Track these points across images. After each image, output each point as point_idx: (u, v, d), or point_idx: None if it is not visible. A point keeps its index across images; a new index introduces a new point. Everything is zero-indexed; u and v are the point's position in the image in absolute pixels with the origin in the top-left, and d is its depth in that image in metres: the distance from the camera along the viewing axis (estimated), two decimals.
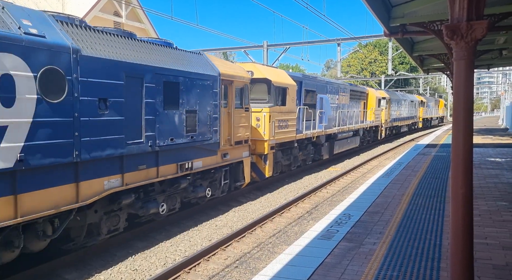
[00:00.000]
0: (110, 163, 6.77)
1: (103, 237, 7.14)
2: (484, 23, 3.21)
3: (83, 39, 6.39)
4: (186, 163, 8.68)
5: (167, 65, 8.03)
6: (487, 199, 8.46)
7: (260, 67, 13.18)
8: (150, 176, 7.72)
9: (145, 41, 8.09)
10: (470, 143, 3.36)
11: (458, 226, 3.38)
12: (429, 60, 13.31)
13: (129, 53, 7.22)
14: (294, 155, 14.86)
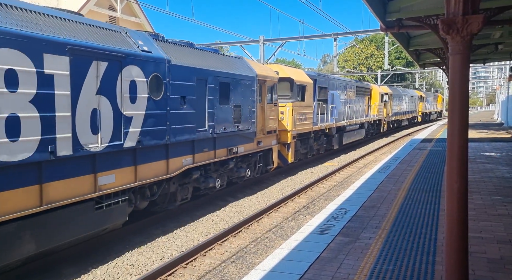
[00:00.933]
0: (186, 145, 8.79)
1: (177, 204, 9.09)
2: (480, 17, 3.21)
3: (171, 52, 8.36)
4: (233, 148, 10.71)
5: (221, 69, 9.98)
6: (482, 194, 8.51)
7: (284, 68, 15.43)
8: (210, 157, 9.76)
9: (205, 50, 10.07)
10: (465, 138, 3.37)
11: (453, 220, 3.40)
12: (425, 55, 13.32)
13: (198, 61, 9.21)
14: (310, 145, 16.78)
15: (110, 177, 6.83)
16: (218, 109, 9.78)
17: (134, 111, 7.23)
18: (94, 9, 18.06)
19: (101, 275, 6.42)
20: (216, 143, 9.85)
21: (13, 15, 5.47)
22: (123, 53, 6.96)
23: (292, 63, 69.97)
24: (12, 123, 5.25)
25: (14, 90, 5.29)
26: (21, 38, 5.35)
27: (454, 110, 3.36)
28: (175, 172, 8.44)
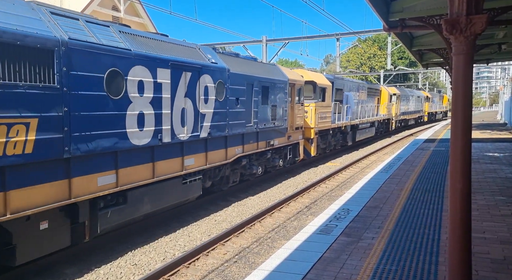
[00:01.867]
0: (238, 138, 10.78)
1: (229, 185, 11.10)
2: (484, 17, 3.20)
3: (228, 62, 10.36)
4: (270, 141, 12.67)
5: (263, 75, 11.93)
6: (486, 194, 8.48)
7: (308, 72, 17.66)
8: (254, 148, 11.76)
9: (249, 59, 12.32)
10: (468, 138, 3.36)
11: (456, 221, 3.39)
12: (428, 55, 13.28)
13: (247, 69, 11.18)
14: (329, 140, 18.70)
15: (191, 160, 8.90)
16: (260, 108, 11.82)
17: (206, 110, 9.32)
18: (98, 9, 18.11)
19: (104, 274, 6.44)
20: (258, 136, 11.93)
21: (139, 41, 7.52)
22: (200, 65, 9.01)
23: (294, 63, 69.90)
24: (140, 118, 7.32)
25: (142, 95, 7.34)
26: (145, 58, 7.40)
27: (457, 111, 3.35)
28: (231, 159, 10.52)
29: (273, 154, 13.29)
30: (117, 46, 6.83)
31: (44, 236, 5.80)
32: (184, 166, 8.58)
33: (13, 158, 5.17)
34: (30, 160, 5.37)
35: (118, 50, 6.82)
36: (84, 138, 6.18)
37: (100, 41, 6.54)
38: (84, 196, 6.25)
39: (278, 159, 13.61)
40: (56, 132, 5.74)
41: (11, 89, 5.09)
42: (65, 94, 5.86)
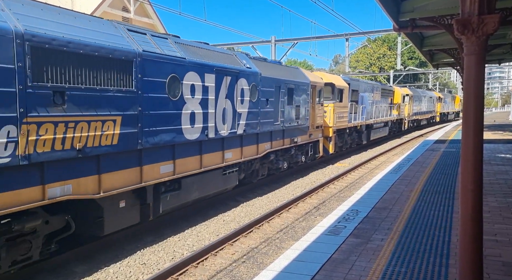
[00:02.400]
0: (267, 135, 11.88)
1: (258, 178, 12.21)
2: (496, 17, 3.16)
3: (260, 66, 11.50)
4: (294, 138, 13.74)
5: (288, 78, 13.07)
6: (497, 196, 8.37)
7: (327, 75, 18.91)
8: (280, 144, 12.82)
9: (275, 63, 13.59)
10: (480, 139, 3.33)
11: (467, 223, 3.36)
12: (439, 55, 13.14)
13: (275, 72, 12.34)
14: (345, 139, 19.68)
15: (229, 154, 10.07)
16: (286, 108, 12.90)
17: (242, 109, 10.42)
18: (108, 10, 18.28)
19: (114, 273, 6.49)
20: (284, 134, 12.98)
21: (190, 50, 8.78)
22: (238, 70, 10.13)
23: (303, 63, 69.74)
24: (192, 116, 8.50)
25: (193, 96, 8.54)
26: (196, 65, 8.59)
27: (468, 111, 3.32)
28: (261, 154, 11.66)
29: (296, 151, 14.38)
30: (175, 55, 8.06)
31: (122, 213, 7.13)
32: (224, 159, 9.85)
33: (105, 147, 6.47)
34: (116, 150, 6.67)
35: (176, 58, 8.06)
36: (151, 133, 7.44)
37: (163, 52, 7.75)
38: (150, 181, 7.51)
39: (300, 155, 14.69)
40: (133, 127, 7.02)
41: (105, 93, 6.44)
42: (139, 96, 7.12)
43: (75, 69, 5.99)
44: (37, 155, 5.47)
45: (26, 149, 5.33)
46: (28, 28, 5.38)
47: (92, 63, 6.23)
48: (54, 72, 5.71)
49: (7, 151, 5.11)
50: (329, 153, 17.48)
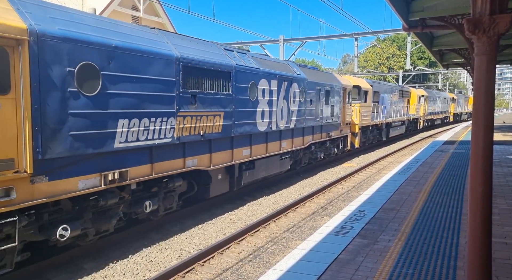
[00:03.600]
0: (310, 129, 14.26)
1: (301, 166, 14.63)
2: (508, 17, 3.12)
3: (306, 73, 13.92)
4: (329, 133, 16.19)
5: (326, 82, 15.50)
6: (507, 198, 8.27)
7: (353, 78, 21.15)
8: (319, 137, 15.26)
9: (314, 69, 16.19)
10: (490, 140, 3.29)
11: (476, 225, 3.32)
12: (449, 55, 13.01)
13: (316, 77, 14.66)
14: (368, 135, 21.83)
15: (284, 143, 12.51)
16: (324, 107, 15.29)
17: (294, 108, 12.80)
18: (118, 9, 18.38)
19: (121, 270, 6.54)
20: (322, 129, 15.34)
21: (261, 62, 11.25)
22: (292, 76, 12.59)
23: (311, 63, 69.48)
24: (263, 113, 10.98)
25: (264, 98, 11.00)
26: (266, 73, 11.11)
27: (479, 112, 3.28)
28: (305, 145, 14.03)
29: (330, 144, 16.83)
30: (253, 66, 10.61)
31: (220, 183, 9.79)
32: (281, 147, 12.38)
33: (214, 134, 9.08)
34: (220, 136, 9.27)
35: (254, 69, 10.58)
36: (239, 125, 9.99)
37: (246, 64, 10.27)
38: (237, 161, 10.18)
39: (333, 147, 17.15)
40: (230, 120, 9.58)
41: (216, 95, 9.01)
42: (233, 98, 9.66)
43: (201, 79, 8.52)
44: (182, 137, 8.04)
45: (178, 133, 7.89)
46: (181, 53, 7.94)
47: (210, 75, 8.77)
48: (192, 82, 8.23)
49: (170, 134, 7.68)
50: (355, 147, 19.64)
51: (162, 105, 7.44)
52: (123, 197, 7.07)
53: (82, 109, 6.01)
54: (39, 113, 5.39)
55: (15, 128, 5.18)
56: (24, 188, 5.31)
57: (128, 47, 6.73)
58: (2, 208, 4.97)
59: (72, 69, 5.83)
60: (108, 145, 6.44)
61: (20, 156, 5.24)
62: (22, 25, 5.16)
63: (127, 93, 6.75)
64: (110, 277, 6.32)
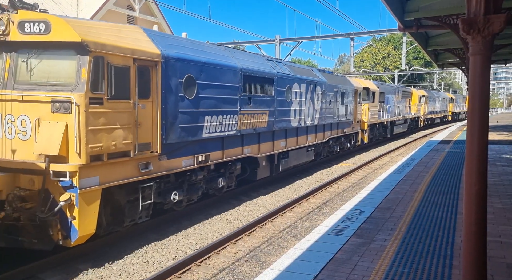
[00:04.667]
0: (329, 126, 16.48)
1: (321, 157, 16.76)
2: (502, 17, 3.13)
3: (326, 77, 16.08)
4: (344, 129, 18.38)
5: (342, 85, 17.72)
6: (502, 197, 8.33)
7: (363, 80, 23.41)
8: (336, 133, 17.46)
9: (330, 73, 18.56)
10: (485, 140, 3.30)
11: (471, 224, 3.34)
12: (444, 55, 13.07)
13: (334, 81, 16.98)
14: (375, 132, 24.15)
15: (310, 137, 14.66)
16: (340, 107, 17.36)
17: (317, 107, 14.89)
18: (113, 8, 18.32)
19: (117, 270, 6.52)
20: (338, 125, 17.55)
21: (294, 69, 13.53)
22: (316, 81, 14.79)
23: (307, 63, 69.54)
24: (295, 111, 13.10)
25: (295, 99, 13.10)
26: (298, 79, 13.25)
27: (474, 112, 3.30)
28: (325, 139, 16.30)
29: (344, 139, 19.00)
30: (289, 73, 12.82)
31: (264, 168, 11.94)
32: (307, 140, 14.54)
33: (262, 128, 11.25)
34: (266, 130, 11.46)
35: (289, 75, 12.74)
36: (278, 121, 12.09)
37: (284, 71, 12.48)
38: (276, 151, 12.33)
39: (346, 142, 19.32)
40: (272, 118, 11.67)
41: (263, 97, 11.20)
42: (275, 99, 11.79)
43: (254, 85, 10.75)
44: (242, 131, 10.31)
45: (239, 127, 10.17)
46: (242, 65, 10.24)
47: (260, 81, 11.02)
48: (248, 87, 10.47)
49: (234, 128, 9.93)
50: (364, 142, 21.77)
51: (230, 105, 9.75)
52: (205, 175, 9.34)
53: (186, 108, 8.25)
54: (164, 112, 7.61)
55: (151, 122, 7.38)
56: (155, 164, 7.55)
57: (211, 62, 9.10)
58: (145, 176, 7.29)
59: (181, 80, 8.10)
60: (199, 135, 8.73)
61: (154, 141, 7.41)
62: (157, 51, 7.45)
63: (210, 97, 9.06)
64: (106, 277, 6.29)
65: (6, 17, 6.24)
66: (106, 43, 6.41)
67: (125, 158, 6.83)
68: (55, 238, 6.22)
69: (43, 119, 6.16)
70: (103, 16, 17.71)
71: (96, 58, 6.25)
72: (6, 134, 6.41)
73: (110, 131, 6.52)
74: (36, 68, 6.39)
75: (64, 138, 6.00)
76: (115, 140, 6.61)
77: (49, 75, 6.36)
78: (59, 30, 6.11)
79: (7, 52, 6.45)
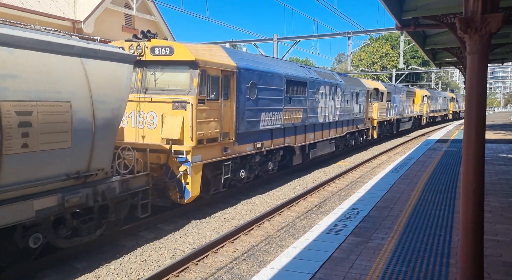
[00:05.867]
0: (346, 122, 18.53)
1: (339, 150, 18.81)
2: (499, 16, 3.14)
3: (344, 79, 18.59)
4: (358, 125, 20.68)
5: (356, 86, 20.11)
6: (499, 196, 8.36)
7: (373, 82, 25.48)
8: (351, 128, 19.65)
9: (346, 76, 20.47)
10: (482, 139, 3.31)
11: (468, 222, 3.35)
12: (441, 54, 13.10)
13: (350, 82, 19.34)
14: (383, 128, 26.42)
15: (332, 132, 16.93)
16: (355, 106, 19.74)
17: (337, 106, 17.16)
18: (111, 7, 18.25)
19: (115, 269, 6.51)
20: (353, 122, 19.87)
21: (320, 73, 16.15)
22: (337, 83, 17.05)
23: (305, 62, 69.53)
24: (321, 109, 15.57)
25: (322, 98, 15.63)
26: (323, 82, 15.69)
27: (471, 111, 3.30)
28: (343, 134, 18.50)
29: (358, 134, 21.29)
30: (317, 77, 15.19)
31: (297, 156, 14.02)
32: (330, 134, 16.83)
33: (298, 123, 13.55)
34: (300, 124, 13.78)
35: (317, 79, 15.13)
36: (309, 117, 14.46)
37: (313, 76, 14.89)
38: (307, 142, 14.64)
39: (359, 137, 21.61)
40: (305, 114, 14.09)
41: (299, 97, 13.59)
42: (307, 99, 14.16)
43: (293, 87, 13.11)
44: (284, 124, 12.58)
45: (283, 122, 12.42)
46: (285, 72, 12.61)
47: (297, 84, 13.39)
48: (289, 89, 12.77)
49: (280, 122, 12.29)
50: (374, 137, 24.22)
51: (277, 104, 12.21)
52: (259, 159, 11.71)
53: (250, 107, 10.72)
54: (237, 109, 10.07)
55: (229, 117, 9.87)
56: (231, 148, 10.08)
57: (265, 70, 11.56)
58: (225, 157, 9.81)
59: (247, 85, 10.50)
60: (257, 127, 11.18)
61: (231, 131, 9.95)
62: (234, 64, 9.92)
63: (265, 98, 11.50)
64: (103, 276, 6.29)
65: (142, 44, 8.87)
66: (207, 60, 8.96)
67: (214, 142, 9.37)
68: (173, 198, 8.72)
69: (166, 114, 8.69)
70: (100, 14, 17.64)
71: (202, 71, 8.76)
72: (138, 125, 8.93)
73: (208, 123, 9.11)
74: (160, 78, 8.94)
75: (182, 127, 8.53)
76: (210, 129, 9.19)
77: (170, 83, 8.88)
78: (179, 52, 8.67)
79: (139, 67, 8.96)
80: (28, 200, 5.52)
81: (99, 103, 6.35)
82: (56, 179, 5.91)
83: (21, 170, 5.39)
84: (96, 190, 6.54)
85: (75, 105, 5.96)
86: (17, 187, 5.39)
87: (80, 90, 6.05)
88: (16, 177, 5.36)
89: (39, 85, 5.47)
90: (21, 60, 5.29)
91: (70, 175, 6.10)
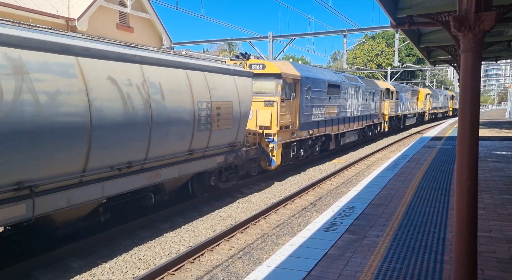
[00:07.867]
0: (365, 117, 22.94)
1: (359, 139, 22.76)
2: (493, 14, 3.16)
3: (363, 81, 23.25)
4: (374, 120, 24.66)
5: (371, 86, 23.82)
6: (492, 192, 8.42)
7: (384, 82, 29.65)
8: (369, 122, 23.77)
9: (363, 78, 24.46)
10: (476, 136, 3.34)
11: (462, 219, 3.37)
12: (436, 52, 13.14)
13: (367, 83, 23.47)
14: (392, 123, 29.88)
15: (355, 124, 20.95)
16: (371, 103, 23.50)
17: (359, 103, 21.06)
18: (105, 4, 18.13)
19: (110, 268, 6.50)
20: (370, 117, 23.51)
21: (346, 77, 20.39)
22: (359, 85, 21.06)
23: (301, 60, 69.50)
24: (349, 105, 19.66)
25: (350, 97, 19.82)
26: (349, 84, 19.76)
27: (465, 108, 3.32)
28: (363, 126, 22.20)
29: (373, 127, 25.18)
30: (345, 80, 18.90)
31: (332, 142, 18.21)
32: (354, 126, 20.35)
33: (333, 116, 17.64)
34: (335, 118, 17.92)
35: (346, 82, 18.91)
36: (341, 112, 18.29)
37: (343, 79, 18.71)
38: (339, 131, 18.58)
39: (374, 129, 25.49)
40: (338, 110, 18.14)
41: (335, 97, 17.99)
42: (340, 97, 18.06)
43: (331, 89, 16.81)
44: (326, 117, 16.78)
45: (325, 115, 16.61)
46: (326, 78, 16.70)
47: (333, 86, 17.03)
48: (329, 90, 16.66)
49: (323, 116, 16.43)
50: (385, 130, 27.84)
51: (321, 102, 15.97)
52: (310, 143, 15.72)
53: (307, 104, 14.65)
54: (300, 106, 14.07)
55: (295, 111, 13.83)
56: (296, 133, 14.17)
57: (315, 77, 15.45)
58: (292, 139, 14.07)
59: (306, 88, 14.42)
60: (310, 119, 15.08)
61: (296, 121, 13.98)
62: (299, 74, 13.97)
63: (315, 97, 15.28)
64: (98, 275, 6.27)
65: (244, 63, 12.39)
66: (286, 72, 13.16)
67: (287, 129, 13.47)
68: (263, 166, 12.87)
69: (260, 109, 12.73)
70: (94, 12, 17.53)
71: (283, 80, 12.88)
72: None
73: (285, 115, 13.27)
74: (255, 85, 12.28)
75: (270, 118, 12.58)
76: (286, 120, 13.33)
77: (262, 88, 12.95)
78: (269, 68, 13.00)
79: None
80: (214, 156, 9.79)
81: (242, 103, 10.57)
82: (224, 146, 10.16)
83: (215, 139, 9.63)
84: (237, 154, 10.78)
85: (234, 104, 10.23)
86: (212, 148, 9.66)
87: (235, 95, 10.32)
88: (213, 143, 9.61)
89: (222, 93, 9.75)
90: (216, 80, 9.66)
91: (229, 144, 10.35)
